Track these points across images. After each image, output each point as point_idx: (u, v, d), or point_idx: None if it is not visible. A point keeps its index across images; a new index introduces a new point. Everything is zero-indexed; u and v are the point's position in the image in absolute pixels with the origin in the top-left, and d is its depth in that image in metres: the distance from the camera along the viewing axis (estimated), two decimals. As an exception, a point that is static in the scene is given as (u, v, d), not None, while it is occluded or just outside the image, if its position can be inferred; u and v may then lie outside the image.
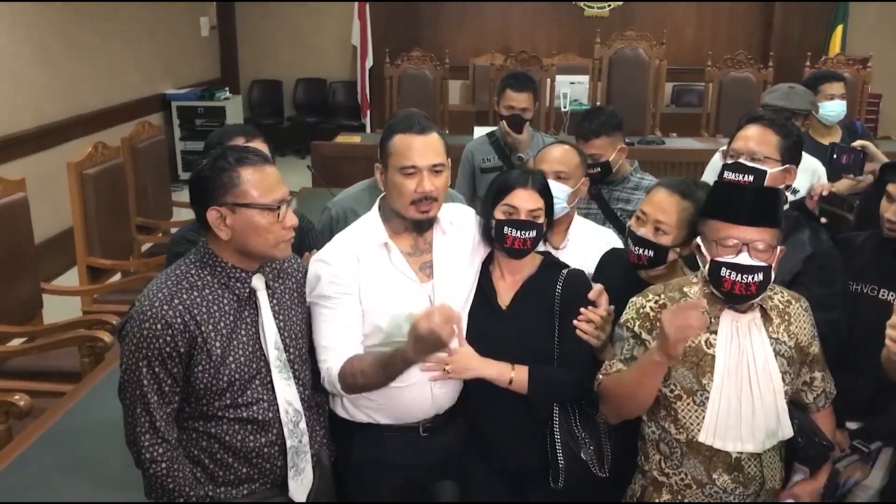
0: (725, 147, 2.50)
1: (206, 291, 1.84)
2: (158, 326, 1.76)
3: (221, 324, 1.83)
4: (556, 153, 2.59)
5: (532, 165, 2.72)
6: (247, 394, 1.87)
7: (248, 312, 1.89)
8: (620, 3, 8.96)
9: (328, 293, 1.99)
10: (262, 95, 9.46)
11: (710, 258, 1.89)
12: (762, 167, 2.28)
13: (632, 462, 2.15)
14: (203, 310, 1.81)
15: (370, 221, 2.12)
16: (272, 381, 1.90)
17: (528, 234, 2.10)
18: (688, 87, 8.79)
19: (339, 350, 1.93)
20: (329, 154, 5.83)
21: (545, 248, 2.36)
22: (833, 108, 3.80)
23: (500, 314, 2.16)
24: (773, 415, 1.94)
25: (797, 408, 2.05)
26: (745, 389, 1.92)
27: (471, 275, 2.18)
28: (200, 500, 1.84)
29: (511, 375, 2.08)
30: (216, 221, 1.82)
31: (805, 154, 2.57)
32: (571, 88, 6.72)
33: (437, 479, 2.16)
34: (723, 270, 1.85)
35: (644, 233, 2.18)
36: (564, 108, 6.56)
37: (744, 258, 1.84)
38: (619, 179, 3.06)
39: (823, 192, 2.37)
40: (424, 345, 1.73)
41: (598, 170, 2.97)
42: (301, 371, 1.98)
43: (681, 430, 1.97)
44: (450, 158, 2.11)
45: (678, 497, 2.02)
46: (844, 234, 2.38)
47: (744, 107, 5.26)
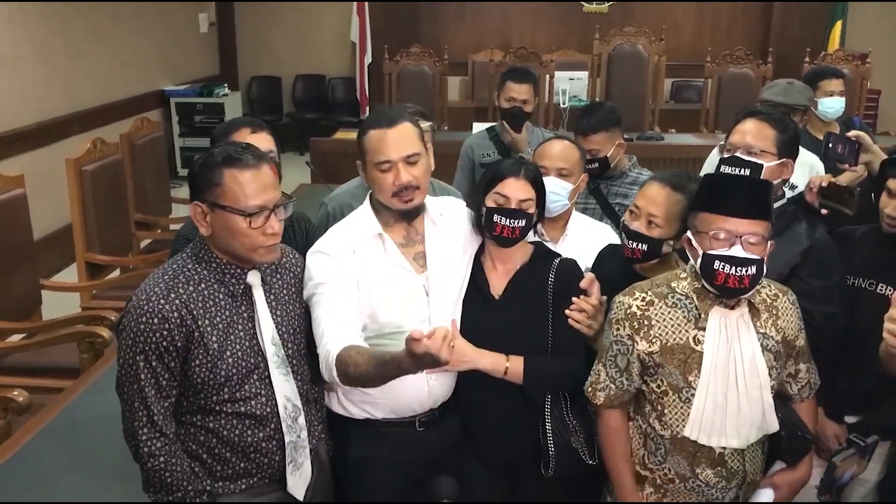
0: (723, 143, 2.50)
1: (203, 286, 1.84)
2: (155, 321, 1.76)
3: (218, 318, 1.83)
4: (557, 149, 2.58)
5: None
6: (245, 388, 1.87)
7: (245, 307, 1.89)
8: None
9: (326, 281, 1.99)
10: (261, 92, 9.44)
11: (703, 251, 1.87)
12: (759, 161, 2.28)
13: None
14: (199, 304, 1.81)
15: (363, 214, 2.14)
16: (270, 376, 1.90)
17: (517, 223, 2.10)
18: (687, 83, 8.78)
19: (339, 334, 1.91)
20: (328, 150, 5.82)
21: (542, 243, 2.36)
22: (832, 105, 3.80)
23: (493, 304, 2.17)
24: (759, 410, 1.94)
25: (780, 399, 2.05)
26: (732, 385, 1.91)
27: (464, 266, 2.19)
28: (199, 494, 1.85)
29: (506, 366, 2.09)
30: (198, 216, 1.83)
31: (803, 149, 2.57)
32: (570, 84, 6.70)
33: (434, 474, 2.16)
34: (716, 263, 1.83)
35: (637, 226, 2.19)
36: (563, 105, 6.55)
37: (737, 251, 1.82)
38: (618, 174, 3.06)
39: (823, 184, 2.37)
40: (420, 361, 1.70)
41: (597, 165, 2.97)
42: (299, 366, 1.98)
43: (665, 427, 1.97)
44: (437, 147, 2.11)
45: (661, 491, 2.02)
46: (842, 229, 2.38)
47: (743, 103, 5.23)
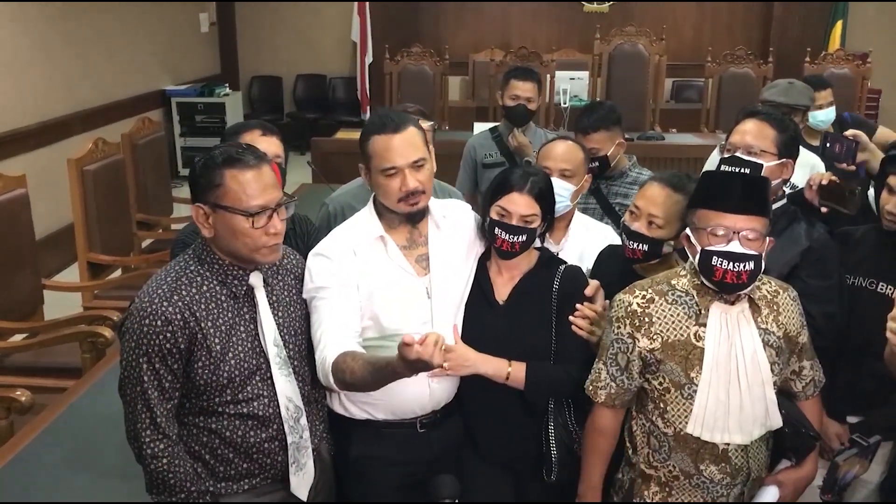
0: (723, 143, 2.50)
1: (205, 288, 1.84)
2: (158, 323, 1.76)
3: (220, 320, 1.84)
4: (561, 150, 2.58)
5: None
6: (247, 390, 1.87)
7: (247, 309, 1.89)
8: (620, -1, 8.96)
9: (326, 285, 1.99)
10: (262, 91, 9.44)
11: (701, 248, 1.88)
12: (759, 161, 2.28)
13: (621, 455, 2.16)
14: (202, 306, 1.82)
15: (365, 216, 2.13)
16: (272, 378, 1.90)
17: (518, 239, 2.10)
18: (687, 83, 8.78)
19: (336, 341, 1.91)
20: (329, 150, 5.82)
21: (545, 245, 2.35)
22: (823, 118, 3.86)
23: (497, 309, 2.17)
24: (762, 406, 1.95)
25: (785, 397, 2.05)
26: (734, 381, 1.92)
27: (467, 269, 2.19)
28: (202, 495, 1.85)
29: (508, 371, 2.09)
30: (200, 218, 1.82)
31: (803, 149, 2.57)
32: (571, 84, 6.71)
33: (435, 474, 2.16)
34: (714, 259, 1.84)
35: (638, 227, 2.19)
36: (564, 104, 6.55)
37: (735, 246, 1.83)
38: (618, 174, 3.06)
39: (823, 181, 2.37)
40: (412, 366, 1.69)
41: (597, 164, 2.98)
42: (301, 367, 1.98)
43: (668, 424, 1.98)
44: (440, 150, 2.11)
45: (666, 489, 2.03)
46: (843, 228, 2.39)
47: (743, 102, 5.21)
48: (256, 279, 1.90)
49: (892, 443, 2.29)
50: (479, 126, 4.77)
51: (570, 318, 2.14)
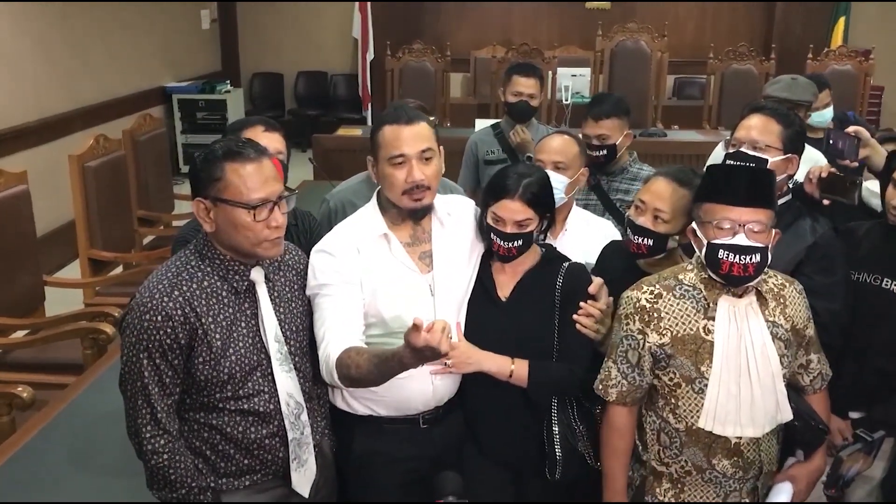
0: (728, 138, 2.50)
1: (206, 283, 1.83)
2: (159, 318, 1.75)
3: (221, 316, 1.83)
4: (555, 143, 2.59)
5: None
6: (248, 386, 1.86)
7: (248, 305, 1.88)
8: (622, -4, 8.94)
9: (329, 282, 1.99)
10: (264, 88, 9.45)
11: (707, 241, 1.89)
12: (764, 156, 2.27)
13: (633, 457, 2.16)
14: (203, 301, 1.81)
15: (369, 213, 2.13)
16: (273, 374, 1.89)
17: (514, 244, 2.10)
18: (690, 80, 8.77)
19: (339, 338, 1.91)
20: (330, 147, 5.83)
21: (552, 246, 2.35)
22: (822, 117, 3.88)
23: (500, 306, 2.16)
24: (773, 398, 1.94)
25: (793, 391, 2.05)
26: (744, 374, 1.92)
27: (470, 266, 2.18)
28: (202, 491, 1.85)
29: (511, 368, 2.08)
30: (201, 213, 1.82)
31: (807, 146, 2.56)
32: (573, 81, 6.71)
33: (438, 470, 2.16)
34: (720, 252, 1.85)
35: (643, 221, 2.19)
36: (566, 101, 6.55)
37: (740, 239, 1.84)
38: (618, 170, 3.06)
39: (823, 174, 2.37)
40: (420, 354, 1.70)
41: (605, 152, 2.97)
42: (302, 363, 1.97)
43: (680, 419, 1.98)
44: (443, 147, 2.10)
45: (678, 486, 2.02)
46: (848, 224, 2.38)
47: (746, 99, 5.19)
48: (258, 274, 1.89)
49: (895, 439, 2.28)
50: (481, 123, 4.77)
51: (574, 317, 2.13)
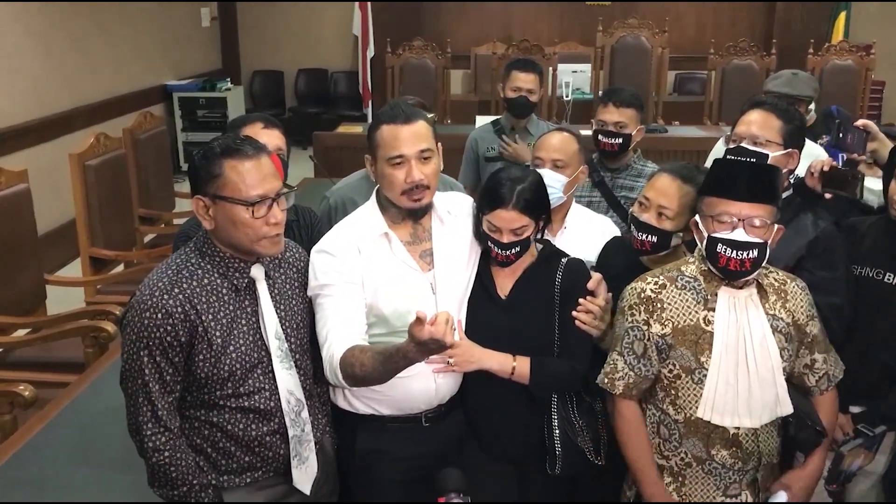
0: (728, 133, 2.49)
1: (206, 281, 1.83)
2: (159, 316, 1.75)
3: (221, 313, 1.83)
4: (554, 141, 2.57)
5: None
6: (248, 383, 1.86)
7: (248, 302, 1.88)
8: (622, -9, 8.92)
9: (331, 283, 1.98)
10: (264, 86, 9.44)
11: (707, 234, 1.91)
12: (764, 151, 2.27)
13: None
14: (203, 299, 1.81)
15: (369, 212, 2.12)
16: (273, 371, 1.89)
17: (511, 251, 2.10)
18: (690, 76, 8.76)
19: (342, 338, 1.92)
20: (331, 144, 5.82)
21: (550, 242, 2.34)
22: None
23: (500, 304, 2.16)
24: (772, 391, 1.95)
25: (800, 391, 2.05)
26: (743, 365, 1.93)
27: (471, 264, 2.18)
28: (204, 488, 1.85)
29: (513, 366, 2.08)
30: (200, 211, 1.82)
31: (808, 141, 2.56)
32: (573, 77, 6.70)
33: (439, 468, 2.16)
34: (719, 246, 1.87)
35: (647, 218, 2.19)
36: (567, 97, 6.54)
37: (739, 234, 1.86)
38: (623, 167, 3.05)
39: (825, 168, 2.36)
40: (425, 347, 1.70)
41: (620, 140, 2.97)
42: (302, 360, 1.97)
43: (679, 410, 1.98)
44: (444, 144, 2.09)
45: (679, 479, 2.02)
46: (850, 219, 2.38)
47: (747, 94, 5.20)
48: (258, 272, 1.89)
49: (896, 434, 2.28)
50: (482, 120, 4.76)
51: (573, 313, 2.13)
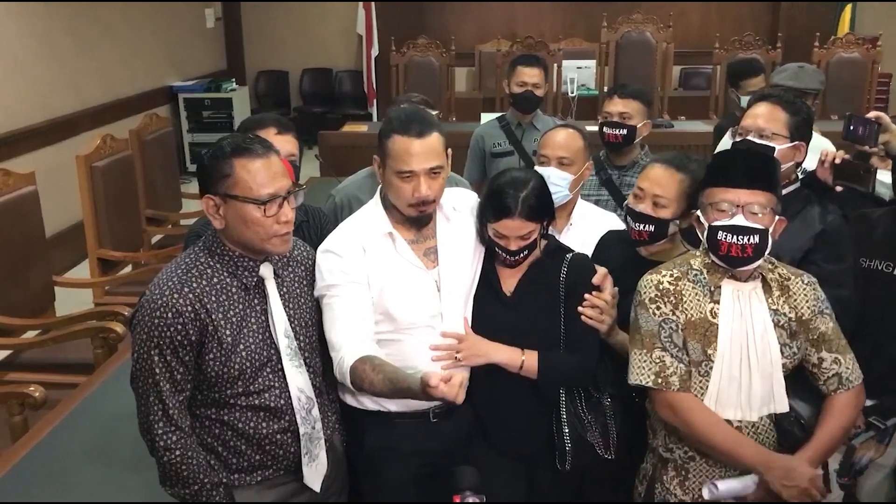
0: (735, 127, 2.49)
1: (215, 280, 1.84)
2: (169, 315, 1.76)
3: (231, 312, 1.83)
4: (560, 138, 2.56)
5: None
6: (258, 381, 1.87)
7: (258, 300, 1.89)
8: (627, -14, 8.90)
9: (337, 283, 1.99)
10: (269, 86, 9.45)
11: (708, 224, 1.91)
12: (770, 144, 2.27)
13: (642, 445, 2.16)
14: (213, 298, 1.81)
15: (373, 211, 2.12)
16: (283, 369, 1.90)
17: (519, 256, 2.10)
18: (695, 70, 8.73)
19: (352, 342, 1.92)
20: (336, 143, 5.83)
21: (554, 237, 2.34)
22: None
23: (505, 301, 2.16)
24: (769, 385, 1.94)
25: (811, 390, 2.02)
26: (745, 358, 1.93)
27: (475, 260, 2.18)
28: (215, 487, 1.85)
29: (522, 359, 2.09)
30: (210, 210, 1.82)
31: (816, 134, 2.55)
32: (578, 73, 6.68)
33: (448, 464, 2.16)
34: (719, 234, 1.88)
35: (643, 208, 2.19)
36: (572, 94, 6.53)
37: (739, 220, 1.86)
38: (629, 164, 3.05)
39: (837, 160, 2.35)
40: (433, 397, 1.72)
41: (624, 132, 2.96)
42: (311, 358, 1.98)
43: None
44: (448, 141, 2.08)
45: (682, 472, 2.02)
46: (860, 211, 2.37)
47: (752, 88, 5.22)
48: (267, 270, 1.90)
49: (908, 426, 2.27)
50: (486, 117, 4.76)
51: (579, 309, 2.13)
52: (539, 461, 2.21)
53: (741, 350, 1.93)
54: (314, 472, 1.97)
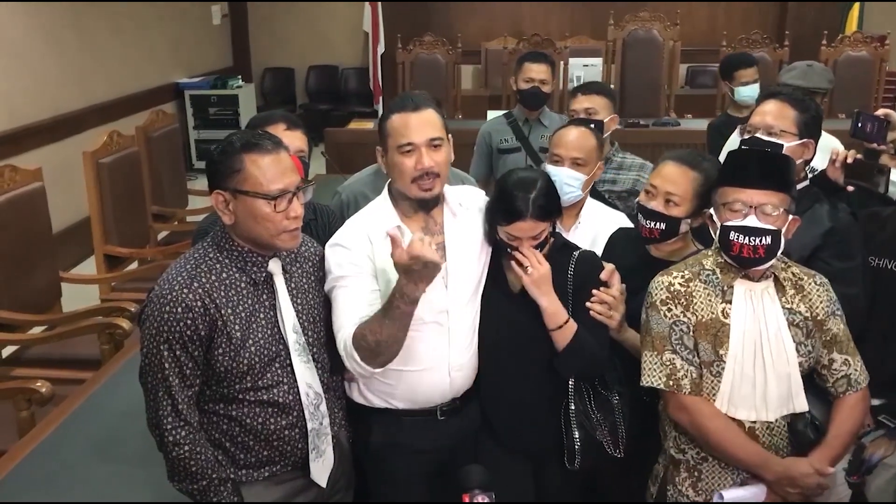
0: (744, 124, 2.48)
1: (224, 275, 1.84)
2: (179, 310, 1.76)
3: (240, 307, 1.84)
4: (573, 137, 2.55)
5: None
6: (267, 377, 1.87)
7: (266, 296, 1.89)
8: (634, -16, 8.87)
9: (346, 274, 1.99)
10: (275, 83, 9.46)
11: (720, 223, 1.91)
12: (779, 141, 2.26)
13: (651, 443, 2.15)
14: (222, 293, 1.81)
15: (381, 205, 2.12)
16: (292, 364, 1.90)
17: None
18: (702, 68, 8.70)
19: (353, 323, 1.92)
20: (342, 140, 5.83)
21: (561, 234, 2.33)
22: (748, 93, 4.23)
23: (513, 299, 2.15)
24: (786, 385, 1.93)
25: (818, 392, 2.02)
26: (759, 357, 1.92)
27: (483, 256, 2.17)
28: (223, 482, 1.85)
29: (566, 319, 2.06)
30: (220, 205, 1.82)
31: (825, 133, 2.54)
32: (585, 71, 6.65)
33: (454, 461, 2.16)
34: (731, 234, 1.87)
35: (655, 206, 2.19)
36: (578, 92, 6.51)
37: (751, 221, 1.86)
38: (603, 160, 3.04)
39: (848, 160, 2.34)
40: (413, 275, 1.72)
41: (592, 126, 2.96)
42: (320, 354, 1.98)
43: None
44: (455, 139, 2.09)
45: (695, 473, 2.01)
46: (871, 209, 2.36)
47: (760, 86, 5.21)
48: (275, 266, 1.90)
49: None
50: (493, 114, 4.75)
51: (588, 305, 2.13)
52: (547, 459, 2.21)
53: (754, 350, 1.91)
54: (321, 468, 1.98)
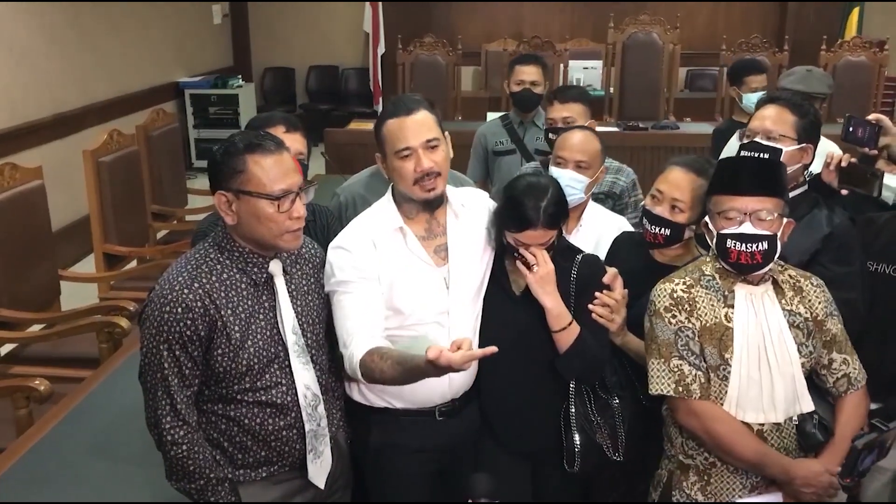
0: (742, 129, 2.49)
1: (225, 275, 1.84)
2: (179, 310, 1.76)
3: (240, 308, 1.84)
4: (577, 140, 2.55)
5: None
6: (265, 377, 1.88)
7: (266, 297, 1.90)
8: (634, -13, 8.88)
9: (349, 279, 1.99)
10: (275, 83, 9.46)
11: (716, 232, 1.92)
12: (778, 146, 2.27)
13: (651, 448, 2.15)
14: (222, 293, 1.82)
15: (384, 207, 2.13)
16: (290, 366, 1.90)
17: None
18: (702, 72, 8.71)
19: (362, 336, 1.92)
20: (342, 141, 5.83)
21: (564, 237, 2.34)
22: (756, 100, 4.04)
23: (515, 301, 2.16)
24: (791, 386, 1.94)
25: (820, 391, 2.03)
26: (763, 359, 1.93)
27: (486, 258, 2.18)
28: (220, 482, 1.86)
29: (570, 321, 2.07)
30: (223, 206, 1.83)
31: (823, 138, 2.54)
32: (585, 73, 6.69)
33: (453, 462, 2.16)
34: (728, 242, 1.89)
35: (660, 211, 2.19)
36: (578, 94, 6.52)
37: (747, 228, 1.87)
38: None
39: (843, 164, 2.35)
40: (441, 369, 1.70)
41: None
42: (318, 355, 1.98)
43: None
44: (454, 140, 2.10)
45: (704, 477, 2.02)
46: (867, 214, 2.37)
47: (759, 90, 5.22)
48: (276, 267, 1.90)
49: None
50: (492, 116, 4.76)
51: (590, 307, 2.13)
52: (546, 460, 2.21)
53: (758, 352, 1.93)
54: (319, 469, 1.98)
